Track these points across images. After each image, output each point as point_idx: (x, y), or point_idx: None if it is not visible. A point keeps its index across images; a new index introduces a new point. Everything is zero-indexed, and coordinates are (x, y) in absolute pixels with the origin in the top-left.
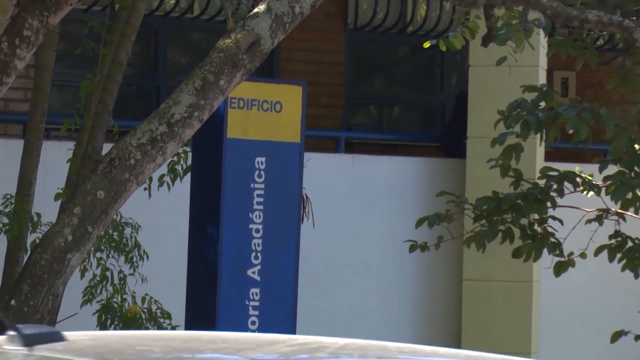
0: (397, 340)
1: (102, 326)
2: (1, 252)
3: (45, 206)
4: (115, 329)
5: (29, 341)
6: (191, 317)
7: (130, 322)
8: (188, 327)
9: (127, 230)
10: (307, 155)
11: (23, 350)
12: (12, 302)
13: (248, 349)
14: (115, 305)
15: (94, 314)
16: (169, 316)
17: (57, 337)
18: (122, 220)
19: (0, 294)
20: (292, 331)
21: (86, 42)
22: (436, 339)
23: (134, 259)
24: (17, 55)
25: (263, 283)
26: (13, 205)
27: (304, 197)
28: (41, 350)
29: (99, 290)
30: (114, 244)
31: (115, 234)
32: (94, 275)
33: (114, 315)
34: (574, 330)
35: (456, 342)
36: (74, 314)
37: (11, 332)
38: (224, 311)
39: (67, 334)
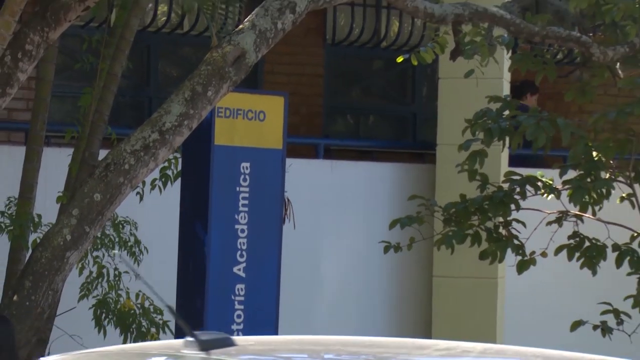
0: (372, 330)
1: (98, 320)
2: (4, 251)
3: (46, 208)
4: (109, 323)
5: (205, 346)
6: (181, 311)
7: (124, 316)
8: (179, 330)
9: (127, 228)
10: (289, 161)
11: (201, 354)
12: (15, 297)
13: (404, 353)
14: (110, 301)
15: (90, 308)
16: (160, 312)
17: (230, 342)
18: (121, 219)
19: (4, 290)
20: (275, 325)
21: (85, 56)
22: (408, 331)
23: (136, 254)
24: (20, 68)
25: (248, 280)
26: (16, 207)
27: (286, 200)
28: (217, 354)
29: (94, 287)
30: (110, 244)
31: (114, 233)
32: (90, 272)
33: (109, 310)
34: (537, 321)
35: (427, 334)
36: (72, 308)
37: (189, 338)
38: (211, 306)
39: (235, 338)
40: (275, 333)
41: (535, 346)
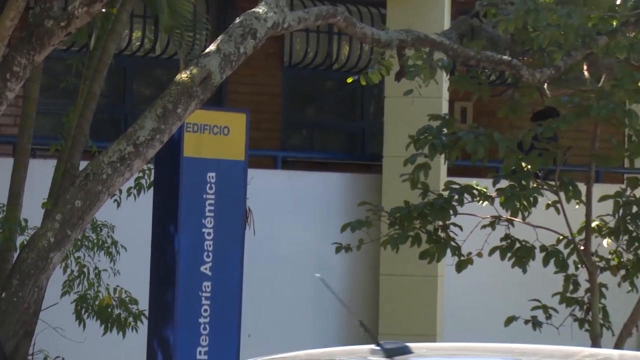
0: (324, 323)
1: (78, 314)
2: None
3: (32, 213)
4: (88, 317)
5: (390, 353)
6: (154, 305)
7: (102, 310)
8: (151, 312)
9: (104, 231)
10: (251, 173)
11: None
12: (3, 294)
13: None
14: (89, 297)
15: (71, 302)
16: (136, 302)
17: (408, 350)
18: (99, 223)
19: None
20: (238, 319)
21: (69, 77)
22: (356, 329)
23: (112, 254)
24: (8, 88)
25: (213, 278)
26: (4, 213)
27: (247, 209)
28: None
29: (76, 285)
30: (90, 245)
31: (93, 235)
32: (72, 272)
33: (88, 305)
34: (474, 317)
35: (374, 326)
36: (55, 303)
37: (374, 346)
38: (181, 300)
39: (411, 346)
40: (238, 327)
41: (470, 339)
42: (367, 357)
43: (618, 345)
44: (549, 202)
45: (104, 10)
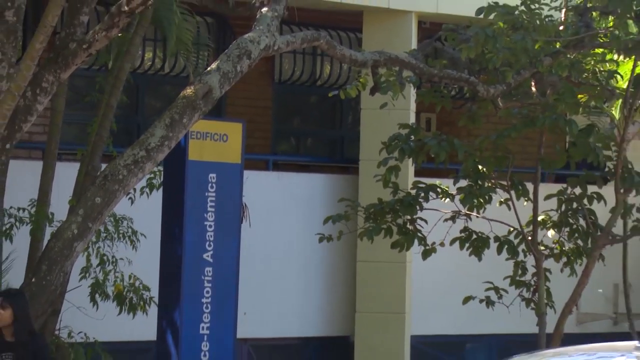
0: (310, 302)
1: (92, 297)
2: (26, 242)
3: (58, 209)
4: (101, 300)
5: None
6: (163, 286)
7: (119, 294)
8: (161, 293)
9: (125, 223)
10: (246, 174)
11: None
12: (34, 278)
13: None
14: (101, 283)
15: (88, 286)
16: (148, 289)
17: None
18: (120, 216)
19: (26, 272)
20: (235, 299)
21: (93, 93)
22: (338, 304)
23: (134, 241)
24: (38, 101)
25: (214, 264)
26: (35, 208)
27: (244, 204)
28: None
29: (92, 271)
30: (109, 236)
31: (111, 228)
32: (89, 259)
33: (102, 290)
34: (437, 297)
35: (352, 306)
36: (78, 286)
37: (637, 343)
38: (186, 283)
39: None
40: (235, 306)
41: (434, 315)
42: (633, 353)
43: (560, 322)
44: (502, 199)
45: (120, 34)
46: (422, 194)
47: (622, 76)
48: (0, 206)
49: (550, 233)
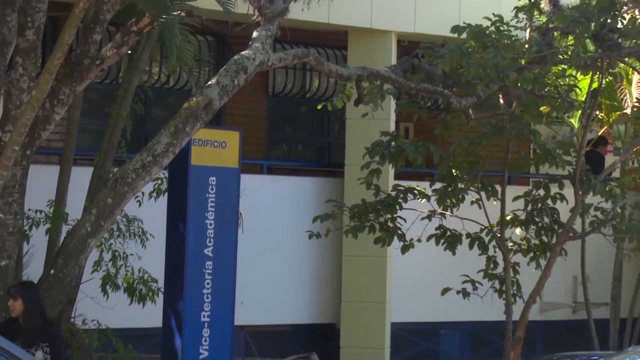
0: (302, 292)
1: (103, 288)
2: (45, 239)
3: (73, 209)
4: (112, 290)
5: None
6: (168, 279)
7: (129, 286)
8: (166, 285)
9: (135, 223)
10: (243, 184)
11: None
12: (52, 271)
13: None
14: (112, 275)
15: (100, 279)
16: (155, 280)
17: None
18: (131, 217)
19: (44, 266)
20: (233, 290)
21: (110, 105)
22: (325, 294)
23: (143, 240)
24: (55, 111)
25: (214, 258)
26: (53, 208)
27: (239, 214)
28: None
29: (104, 265)
30: (121, 234)
31: (122, 226)
32: (101, 253)
33: (112, 282)
34: (416, 288)
35: (338, 296)
36: (91, 278)
37: None
38: (189, 276)
39: None
40: (233, 296)
41: (412, 304)
42: None
43: (525, 311)
44: (473, 200)
45: (129, 52)
46: (401, 195)
47: (580, 90)
48: (22, 207)
49: (518, 230)
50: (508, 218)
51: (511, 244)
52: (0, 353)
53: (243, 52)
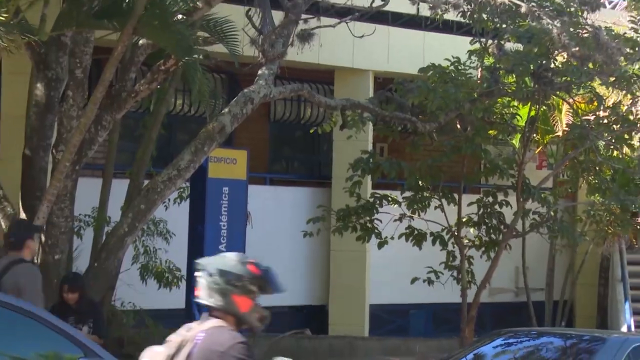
0: (298, 281)
1: (142, 276)
2: (90, 238)
3: (113, 213)
4: (148, 278)
5: None
6: (190, 270)
7: (159, 274)
8: (188, 275)
9: (161, 224)
10: (249, 187)
11: None
12: (96, 263)
13: None
14: (150, 266)
15: (137, 269)
16: (179, 270)
17: None
18: (158, 219)
19: (90, 259)
20: None
21: (141, 129)
22: (317, 282)
23: (167, 238)
24: (99, 135)
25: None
26: (97, 212)
27: (248, 212)
28: None
29: (141, 257)
30: (151, 232)
31: (152, 227)
32: (137, 249)
33: (149, 271)
34: (390, 278)
35: (327, 283)
36: (128, 269)
37: None
38: None
39: None
40: None
41: (386, 289)
42: None
43: (477, 295)
44: (436, 205)
45: (158, 86)
46: (378, 201)
47: (521, 117)
48: (72, 212)
49: (472, 230)
50: (464, 220)
51: (466, 240)
52: (55, 330)
53: (250, 87)
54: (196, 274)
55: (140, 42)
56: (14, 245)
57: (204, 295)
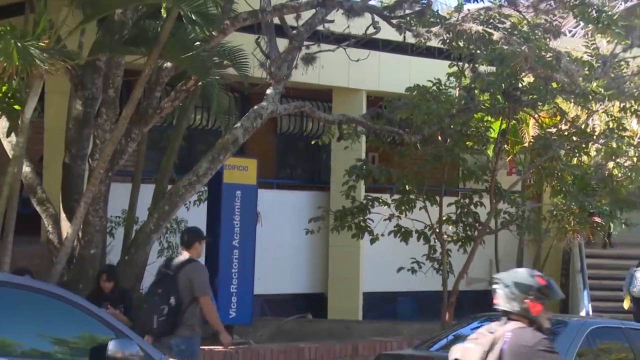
0: (300, 272)
1: None
2: (121, 236)
3: (141, 213)
4: None
5: None
6: (208, 262)
7: None
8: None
9: (182, 224)
10: (259, 191)
11: None
12: (126, 257)
13: None
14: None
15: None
16: None
17: None
18: (180, 219)
19: (122, 254)
20: (252, 269)
21: (165, 141)
22: (317, 273)
23: None
24: (129, 146)
25: (240, 248)
26: (127, 213)
27: (258, 212)
28: None
29: (165, 252)
30: (172, 231)
31: (175, 226)
32: (162, 245)
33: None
34: (380, 269)
35: (326, 274)
36: (154, 262)
37: None
38: (222, 260)
39: None
40: (252, 274)
41: (377, 279)
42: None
43: (456, 283)
44: (420, 206)
45: (180, 104)
46: (370, 203)
47: (493, 129)
48: (105, 213)
49: (451, 227)
50: (444, 218)
51: (446, 236)
52: (90, 314)
53: (259, 104)
54: (494, 286)
55: (165, 65)
56: (186, 245)
57: (502, 302)
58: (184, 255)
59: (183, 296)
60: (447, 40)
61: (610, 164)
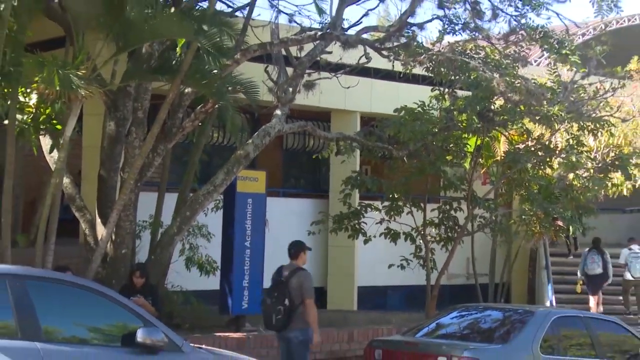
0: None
1: (187, 266)
2: (148, 238)
3: (165, 219)
4: (192, 267)
5: None
6: (223, 261)
7: (200, 265)
8: (222, 265)
9: (203, 228)
10: (268, 199)
11: None
12: (152, 256)
13: None
14: (193, 259)
15: (184, 260)
16: (215, 261)
17: None
18: (201, 224)
19: (149, 253)
20: (261, 268)
21: (187, 156)
22: (318, 269)
23: (208, 237)
24: (155, 160)
25: (251, 248)
26: (153, 219)
27: (266, 219)
28: None
29: (187, 251)
30: (193, 234)
31: (196, 230)
32: (184, 246)
33: (192, 262)
34: (373, 265)
35: (325, 270)
36: (176, 260)
37: None
38: (235, 259)
39: None
40: (262, 271)
41: (370, 274)
42: None
43: (438, 278)
44: (407, 211)
45: (200, 123)
46: (364, 209)
47: (470, 146)
48: (135, 218)
49: (434, 229)
50: (428, 222)
51: (429, 237)
52: (122, 306)
53: (267, 124)
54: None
55: (186, 90)
56: (293, 256)
57: None
58: (292, 264)
59: (294, 298)
60: (430, 68)
61: (571, 176)
